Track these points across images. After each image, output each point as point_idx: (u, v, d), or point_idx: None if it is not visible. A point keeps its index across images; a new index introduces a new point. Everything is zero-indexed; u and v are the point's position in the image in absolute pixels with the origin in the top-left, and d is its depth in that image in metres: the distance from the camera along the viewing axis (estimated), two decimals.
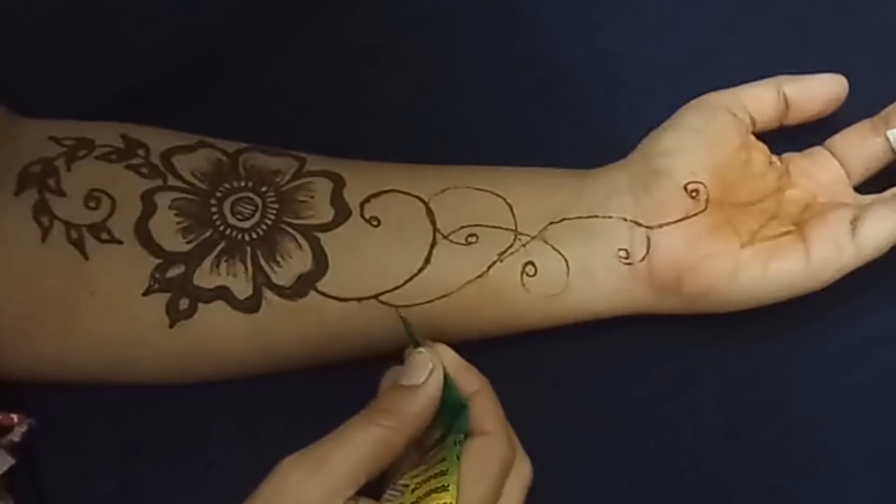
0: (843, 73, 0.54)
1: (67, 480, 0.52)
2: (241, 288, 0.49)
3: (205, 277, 0.49)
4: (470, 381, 0.47)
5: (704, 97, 0.53)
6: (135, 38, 0.59)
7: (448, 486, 0.42)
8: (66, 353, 0.50)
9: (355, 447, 0.43)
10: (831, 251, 0.50)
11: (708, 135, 0.51)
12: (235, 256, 0.49)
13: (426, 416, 0.45)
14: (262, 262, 0.49)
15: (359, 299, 0.50)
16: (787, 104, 0.53)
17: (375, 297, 0.50)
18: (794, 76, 0.54)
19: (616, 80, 0.59)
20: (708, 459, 0.52)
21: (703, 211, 0.50)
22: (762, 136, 0.54)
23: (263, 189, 0.50)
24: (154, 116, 0.53)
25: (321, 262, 0.49)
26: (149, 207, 0.49)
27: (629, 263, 0.51)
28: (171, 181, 0.50)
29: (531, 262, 0.51)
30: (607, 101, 0.59)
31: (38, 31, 0.58)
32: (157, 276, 0.49)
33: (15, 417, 0.50)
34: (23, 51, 0.57)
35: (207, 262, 0.49)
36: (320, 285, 0.49)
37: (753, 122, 0.53)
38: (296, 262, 0.49)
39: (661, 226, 0.50)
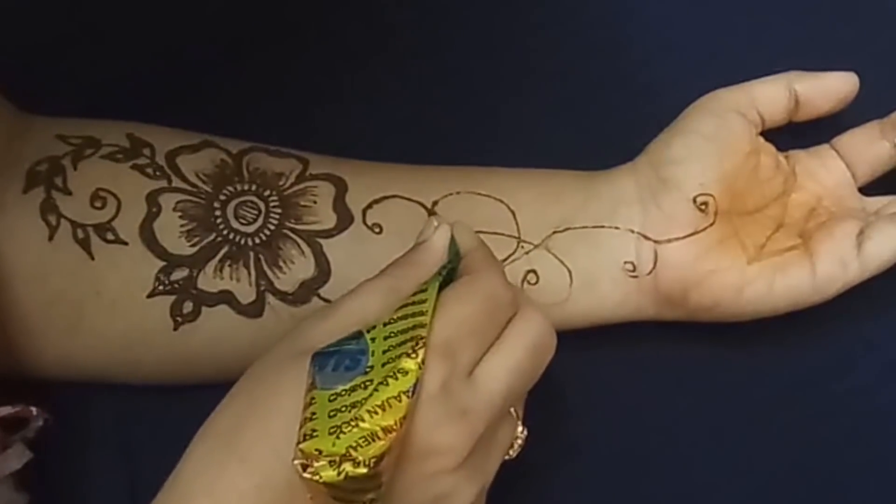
0: (851, 69, 0.53)
1: (73, 478, 0.52)
2: (245, 293, 0.49)
3: (208, 281, 0.49)
4: (468, 239, 0.47)
5: (714, 95, 0.52)
6: (139, 36, 0.59)
7: (423, 299, 0.42)
8: (72, 351, 0.50)
9: (365, 294, 0.44)
10: (837, 268, 0.50)
11: (719, 142, 0.51)
12: (239, 261, 0.49)
13: (433, 263, 0.46)
14: (266, 268, 0.49)
15: None
16: (797, 102, 0.53)
17: None
18: (805, 73, 0.53)
19: (621, 77, 0.59)
20: (707, 460, 0.52)
21: (711, 225, 0.50)
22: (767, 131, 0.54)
23: (266, 193, 0.50)
24: (159, 115, 0.53)
25: (324, 269, 0.50)
26: (153, 209, 0.50)
27: (635, 276, 0.51)
28: (176, 182, 0.50)
29: (533, 271, 0.51)
30: (613, 97, 0.59)
31: (45, 30, 0.58)
32: (162, 278, 0.49)
33: (34, 410, 0.50)
34: (30, 49, 0.57)
35: (211, 266, 0.49)
36: (323, 292, 0.50)
37: (763, 122, 0.52)
38: (298, 268, 0.50)
39: (669, 241, 0.50)
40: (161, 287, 0.49)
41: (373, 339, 0.41)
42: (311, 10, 0.60)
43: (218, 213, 0.50)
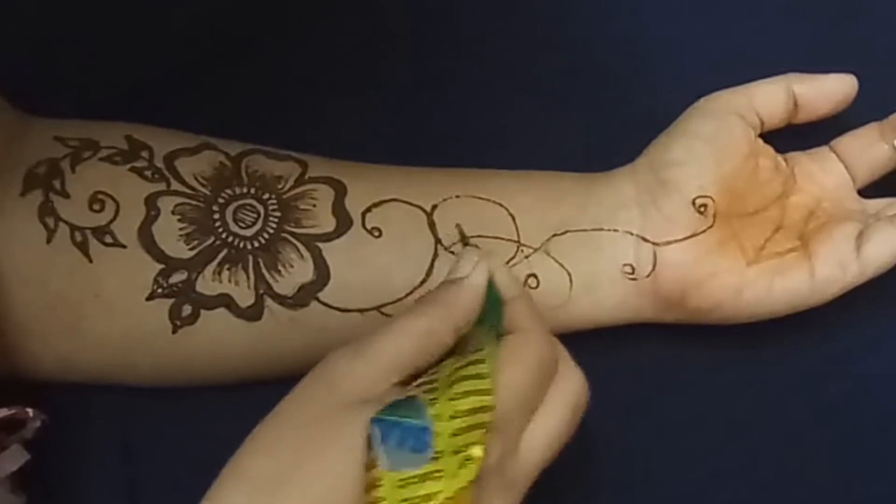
0: (850, 71, 0.53)
1: (72, 479, 0.52)
2: (243, 296, 0.49)
3: (207, 285, 0.49)
4: (510, 286, 0.46)
5: (713, 97, 0.52)
6: (139, 36, 0.59)
7: (484, 373, 0.41)
8: (70, 354, 0.50)
9: (400, 335, 0.43)
10: (836, 270, 0.50)
11: (718, 145, 0.51)
12: (237, 264, 0.49)
13: (472, 306, 0.44)
14: (264, 271, 0.49)
15: (361, 311, 0.50)
16: (796, 104, 0.52)
17: (377, 308, 0.50)
18: (804, 75, 0.53)
19: (621, 77, 0.59)
20: (707, 459, 0.52)
21: (710, 227, 0.50)
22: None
23: (265, 196, 0.50)
24: (158, 115, 0.53)
25: (323, 273, 0.50)
26: (152, 212, 0.50)
27: (634, 279, 0.51)
28: (175, 185, 0.50)
29: (533, 275, 0.51)
30: (613, 98, 0.59)
31: (44, 30, 0.57)
32: (161, 281, 0.49)
33: (30, 412, 0.50)
34: (28, 49, 0.57)
35: (210, 270, 0.49)
36: (322, 296, 0.50)
37: (762, 124, 0.52)
38: (297, 271, 0.50)
39: (668, 243, 0.50)
40: (160, 290, 0.49)
41: (437, 416, 0.40)
42: (311, 10, 0.60)
43: (217, 216, 0.50)
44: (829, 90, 0.52)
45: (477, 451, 0.39)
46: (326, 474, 0.40)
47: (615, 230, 0.51)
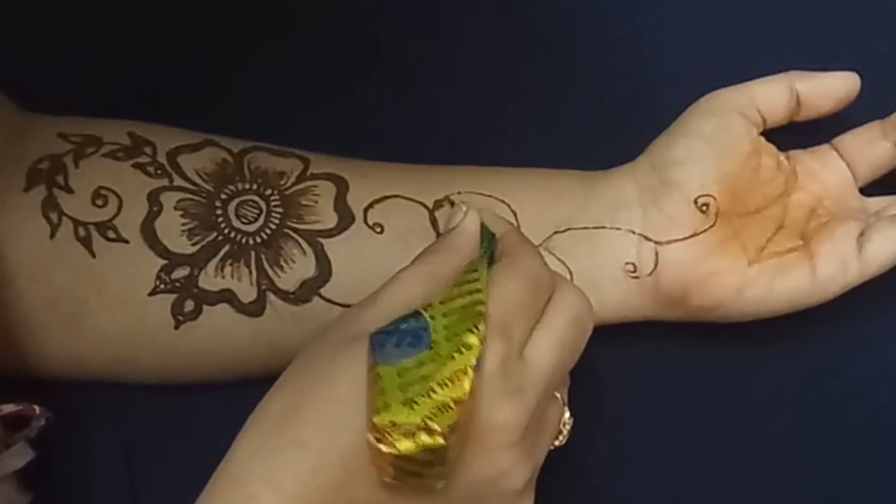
0: (851, 69, 0.53)
1: (74, 477, 0.52)
2: (246, 292, 0.49)
3: (209, 280, 0.49)
4: (500, 223, 0.48)
5: (714, 95, 0.52)
6: (140, 36, 0.59)
7: (476, 279, 0.43)
8: (73, 350, 0.50)
9: (404, 280, 0.44)
10: (837, 269, 0.50)
11: (720, 144, 0.51)
12: (240, 260, 0.50)
13: (469, 247, 0.46)
14: (267, 267, 0.50)
15: None
16: (798, 101, 0.53)
17: None
18: (806, 73, 0.53)
19: (621, 77, 0.59)
20: (707, 458, 0.52)
21: (712, 226, 0.50)
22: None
23: (268, 192, 0.51)
24: (160, 113, 0.53)
25: (325, 269, 0.50)
26: (155, 207, 0.50)
27: (636, 277, 0.51)
28: (177, 181, 0.50)
29: None
30: (613, 97, 0.59)
31: (45, 30, 0.58)
32: (163, 276, 0.49)
33: (37, 409, 0.50)
34: (30, 49, 0.57)
35: (212, 265, 0.49)
36: (324, 291, 0.50)
37: (764, 122, 0.52)
38: (300, 267, 0.50)
39: (670, 242, 0.50)
40: (162, 286, 0.49)
41: (432, 318, 0.41)
42: (311, 10, 0.60)
43: (219, 212, 0.50)
44: (831, 88, 0.53)
45: (472, 339, 0.40)
46: (335, 397, 0.40)
47: (617, 228, 0.51)
